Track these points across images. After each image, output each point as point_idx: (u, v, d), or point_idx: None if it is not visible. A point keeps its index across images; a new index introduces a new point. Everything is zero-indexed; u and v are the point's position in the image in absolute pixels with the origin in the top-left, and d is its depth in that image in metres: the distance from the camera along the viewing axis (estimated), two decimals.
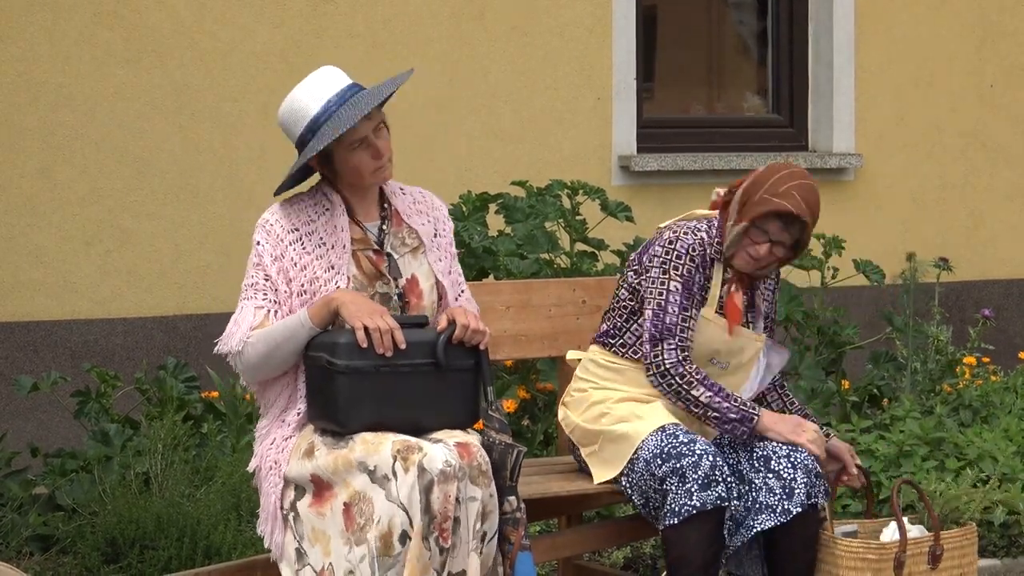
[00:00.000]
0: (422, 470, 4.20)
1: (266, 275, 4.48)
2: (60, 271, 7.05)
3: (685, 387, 4.82)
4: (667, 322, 4.83)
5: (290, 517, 4.44)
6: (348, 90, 4.50)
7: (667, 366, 4.82)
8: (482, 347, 4.47)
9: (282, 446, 4.48)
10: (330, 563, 4.33)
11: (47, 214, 7.03)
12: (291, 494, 4.46)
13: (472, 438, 4.37)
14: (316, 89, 4.49)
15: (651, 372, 4.86)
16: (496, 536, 4.37)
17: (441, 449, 4.25)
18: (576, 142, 7.89)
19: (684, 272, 4.86)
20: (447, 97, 7.63)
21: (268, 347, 4.43)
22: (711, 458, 4.67)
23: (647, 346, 4.86)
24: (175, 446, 5.98)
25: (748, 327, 4.98)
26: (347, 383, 4.34)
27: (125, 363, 7.08)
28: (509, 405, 6.35)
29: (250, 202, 7.16)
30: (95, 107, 7.08)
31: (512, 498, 4.39)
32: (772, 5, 8.59)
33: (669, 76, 8.61)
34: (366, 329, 4.34)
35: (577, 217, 6.83)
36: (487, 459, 4.33)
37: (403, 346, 4.37)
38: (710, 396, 4.81)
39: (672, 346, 4.82)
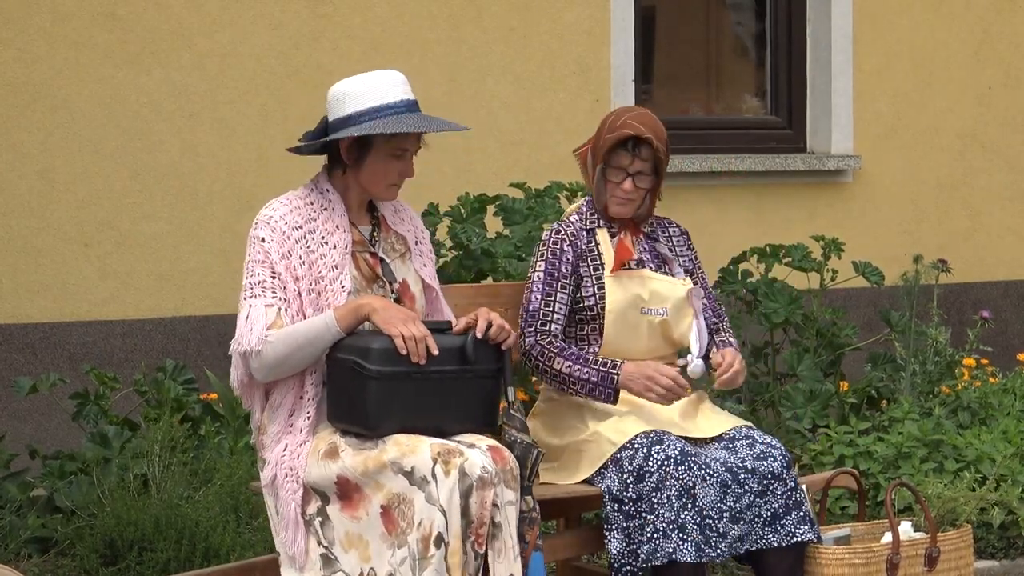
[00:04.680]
0: (463, 474, 4.23)
1: (273, 272, 4.45)
2: (59, 273, 7.04)
3: (546, 362, 4.86)
4: (530, 309, 4.90)
5: (315, 523, 4.42)
6: (412, 104, 4.58)
7: (527, 347, 4.88)
8: (505, 347, 4.50)
9: (297, 452, 4.45)
10: (371, 568, 4.32)
11: (46, 216, 7.01)
12: (316, 499, 4.43)
13: (498, 442, 4.41)
14: (388, 86, 4.54)
15: (522, 359, 4.94)
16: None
17: (479, 454, 4.28)
18: (574, 144, 7.45)
19: (548, 255, 4.94)
20: (445, 99, 7.58)
21: (289, 348, 4.40)
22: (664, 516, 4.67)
23: (518, 339, 4.89)
24: (173, 448, 5.97)
25: (665, 275, 5.01)
26: (378, 388, 4.35)
27: (124, 365, 7.05)
28: None
29: (249, 205, 7.12)
30: (93, 109, 7.06)
31: (528, 497, 4.41)
32: (770, 7, 8.58)
33: (667, 78, 8.61)
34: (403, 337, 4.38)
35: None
36: (516, 463, 4.36)
37: (436, 352, 4.39)
38: (569, 365, 4.85)
39: (532, 330, 4.88)
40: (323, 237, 4.51)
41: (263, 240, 4.47)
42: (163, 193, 7.19)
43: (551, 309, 4.91)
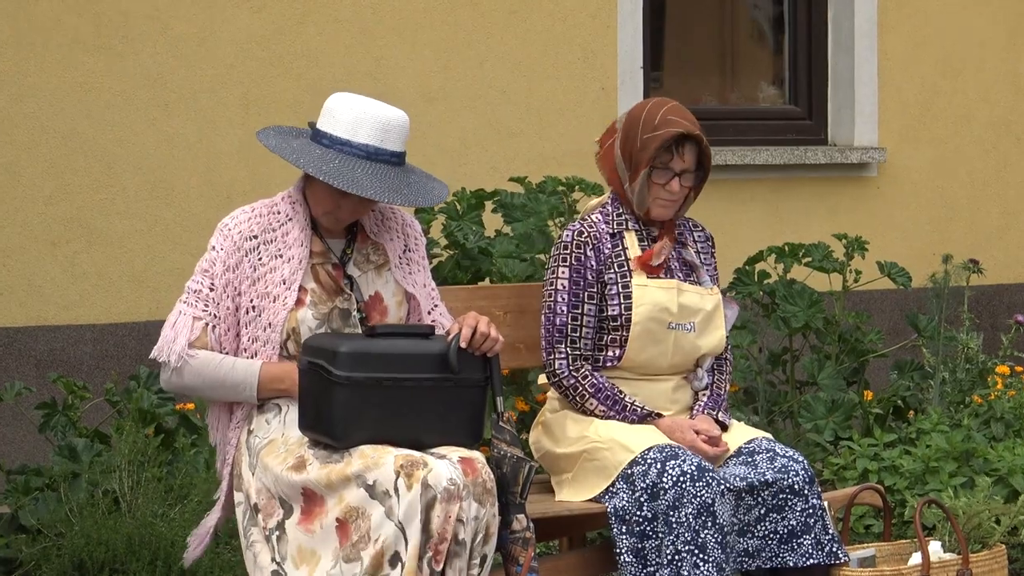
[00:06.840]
0: (426, 486, 4.20)
1: (212, 285, 4.54)
2: (24, 274, 7.04)
3: (578, 398, 4.91)
4: (557, 323, 4.91)
5: (273, 537, 4.43)
6: (385, 154, 4.48)
7: (558, 373, 4.92)
8: (490, 355, 4.46)
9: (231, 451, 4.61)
10: None
11: (11, 213, 7.00)
12: (279, 512, 4.43)
13: (476, 453, 4.36)
14: (372, 122, 4.46)
15: (547, 376, 4.98)
16: (492, 559, 4.35)
17: (446, 466, 4.25)
18: (578, 135, 7.76)
19: (572, 262, 4.91)
20: (440, 88, 7.61)
21: (207, 382, 4.53)
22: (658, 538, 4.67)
23: (542, 351, 4.94)
24: (143, 462, 5.95)
25: (694, 284, 5.01)
26: (346, 396, 4.31)
27: (94, 373, 7.06)
28: None
29: (229, 200, 7.09)
30: (62, 98, 7.06)
31: (521, 516, 4.41)
32: None
33: (678, 64, 8.66)
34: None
35: (575, 215, 6.80)
36: (492, 476, 4.32)
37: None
38: (604, 410, 4.89)
39: (563, 353, 4.91)
40: (279, 250, 4.54)
41: (213, 248, 4.57)
42: (137, 188, 7.18)
43: (579, 323, 4.90)
